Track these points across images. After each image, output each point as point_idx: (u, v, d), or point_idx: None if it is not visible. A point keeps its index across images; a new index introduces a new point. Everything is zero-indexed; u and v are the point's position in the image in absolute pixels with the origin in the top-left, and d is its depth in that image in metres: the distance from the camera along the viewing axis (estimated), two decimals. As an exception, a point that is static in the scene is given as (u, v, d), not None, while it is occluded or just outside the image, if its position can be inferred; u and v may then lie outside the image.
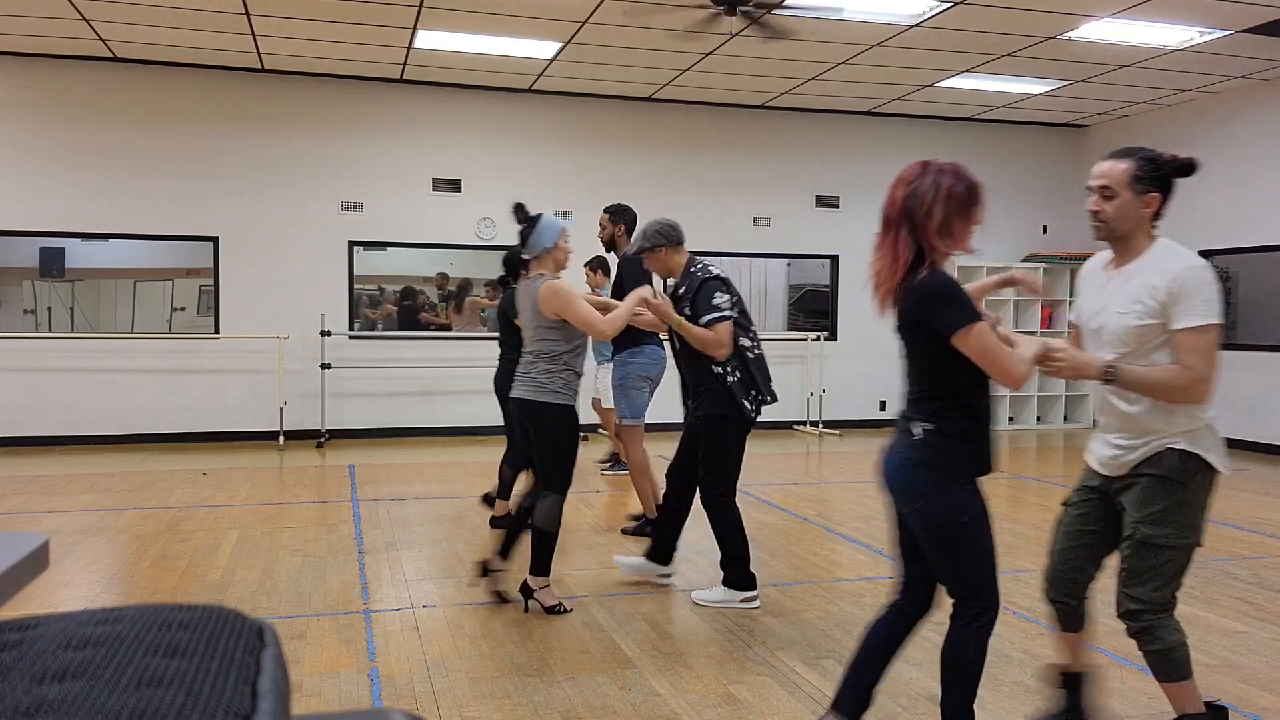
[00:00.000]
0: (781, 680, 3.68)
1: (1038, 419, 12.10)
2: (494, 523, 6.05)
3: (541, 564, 4.43)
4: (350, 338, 10.30)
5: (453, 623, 4.33)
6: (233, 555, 5.43)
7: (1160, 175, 2.75)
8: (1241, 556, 5.66)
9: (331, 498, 7.15)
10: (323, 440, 9.99)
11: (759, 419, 4.57)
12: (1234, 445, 10.21)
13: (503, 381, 5.89)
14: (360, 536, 5.91)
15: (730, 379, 4.45)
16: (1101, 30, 8.13)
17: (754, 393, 4.49)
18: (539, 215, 4.41)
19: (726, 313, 4.42)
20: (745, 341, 4.52)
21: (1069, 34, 8.25)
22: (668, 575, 4.95)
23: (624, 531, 6.08)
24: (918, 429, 2.65)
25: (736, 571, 4.62)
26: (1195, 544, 2.82)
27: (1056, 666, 3.17)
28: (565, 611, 4.46)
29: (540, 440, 4.37)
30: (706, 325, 4.42)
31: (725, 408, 4.47)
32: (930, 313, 2.57)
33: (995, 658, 3.89)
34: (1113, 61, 9.13)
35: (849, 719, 2.86)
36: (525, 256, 4.48)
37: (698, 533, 5.41)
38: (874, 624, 2.90)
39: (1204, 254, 10.67)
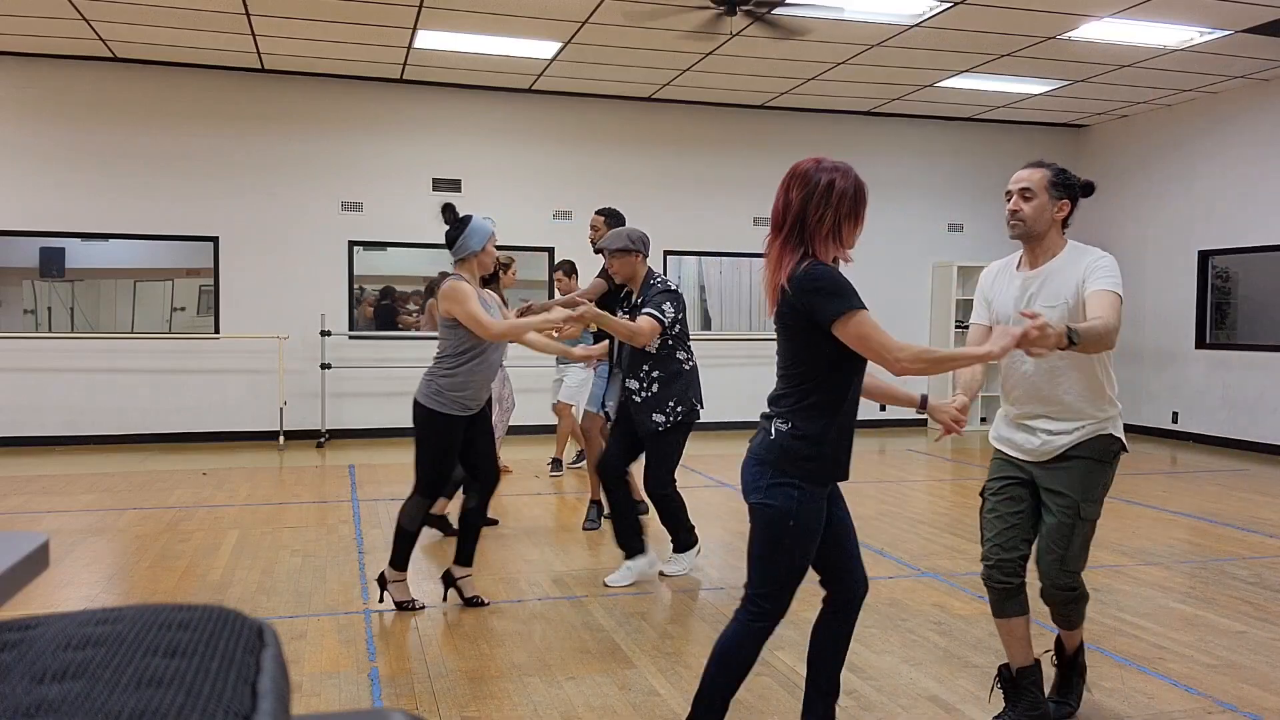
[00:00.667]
0: (781, 680, 3.68)
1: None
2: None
3: (398, 557, 4.46)
4: (350, 338, 10.30)
5: (453, 623, 4.33)
6: (233, 555, 5.43)
7: (1070, 185, 3.09)
8: (1241, 556, 5.66)
9: (331, 498, 7.15)
10: (323, 440, 10.00)
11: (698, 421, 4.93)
12: (1234, 445, 10.21)
13: None
14: (360, 536, 5.91)
15: (642, 394, 4.76)
16: (1101, 30, 8.13)
17: (672, 403, 4.75)
18: (468, 217, 4.41)
19: (659, 317, 4.67)
20: (681, 355, 4.81)
21: (1069, 34, 8.25)
22: (653, 563, 5.01)
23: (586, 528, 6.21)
24: (773, 427, 2.67)
25: (682, 537, 5.04)
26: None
27: (1017, 665, 3.17)
28: (419, 608, 4.49)
29: (416, 439, 4.45)
30: (637, 317, 4.70)
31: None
32: (811, 303, 2.55)
33: (995, 658, 3.89)
34: (1113, 61, 9.13)
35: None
36: (453, 258, 4.45)
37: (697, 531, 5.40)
38: (815, 628, 2.94)
39: (1204, 254, 10.67)
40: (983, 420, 11.89)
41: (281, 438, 9.80)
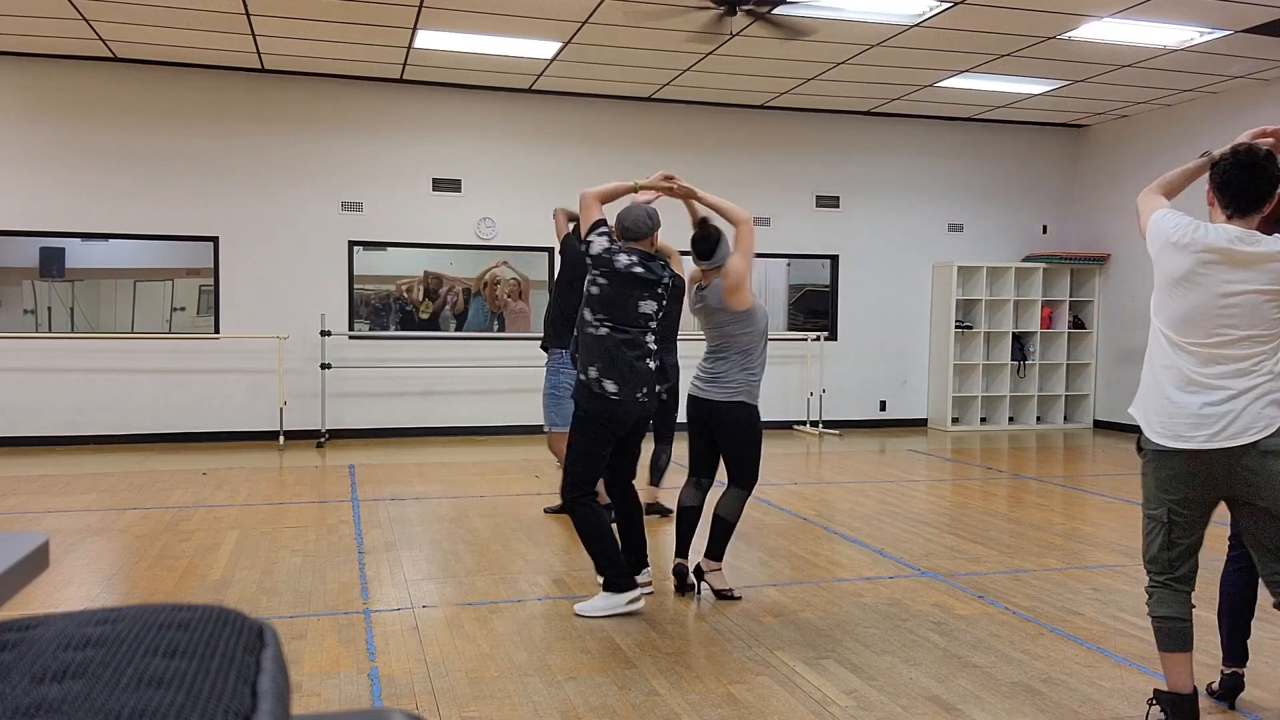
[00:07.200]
0: (781, 680, 3.68)
1: (1038, 419, 12.11)
2: None
3: (717, 549, 4.78)
4: (350, 338, 10.30)
5: (453, 623, 4.33)
6: (233, 555, 5.43)
7: None
8: (1241, 556, 5.65)
9: (331, 498, 7.15)
10: (323, 440, 9.99)
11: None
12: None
13: None
14: (360, 536, 5.91)
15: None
16: (1101, 30, 8.13)
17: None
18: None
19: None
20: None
21: (1069, 34, 8.25)
22: (648, 586, 4.71)
23: (546, 510, 6.53)
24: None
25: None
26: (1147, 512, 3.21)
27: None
28: (738, 598, 4.69)
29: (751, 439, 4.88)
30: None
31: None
32: None
33: (995, 658, 3.89)
34: (1113, 61, 9.13)
35: None
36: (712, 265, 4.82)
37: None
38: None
39: (1204, 254, 10.65)
40: (982, 420, 11.89)
41: (281, 438, 9.79)
